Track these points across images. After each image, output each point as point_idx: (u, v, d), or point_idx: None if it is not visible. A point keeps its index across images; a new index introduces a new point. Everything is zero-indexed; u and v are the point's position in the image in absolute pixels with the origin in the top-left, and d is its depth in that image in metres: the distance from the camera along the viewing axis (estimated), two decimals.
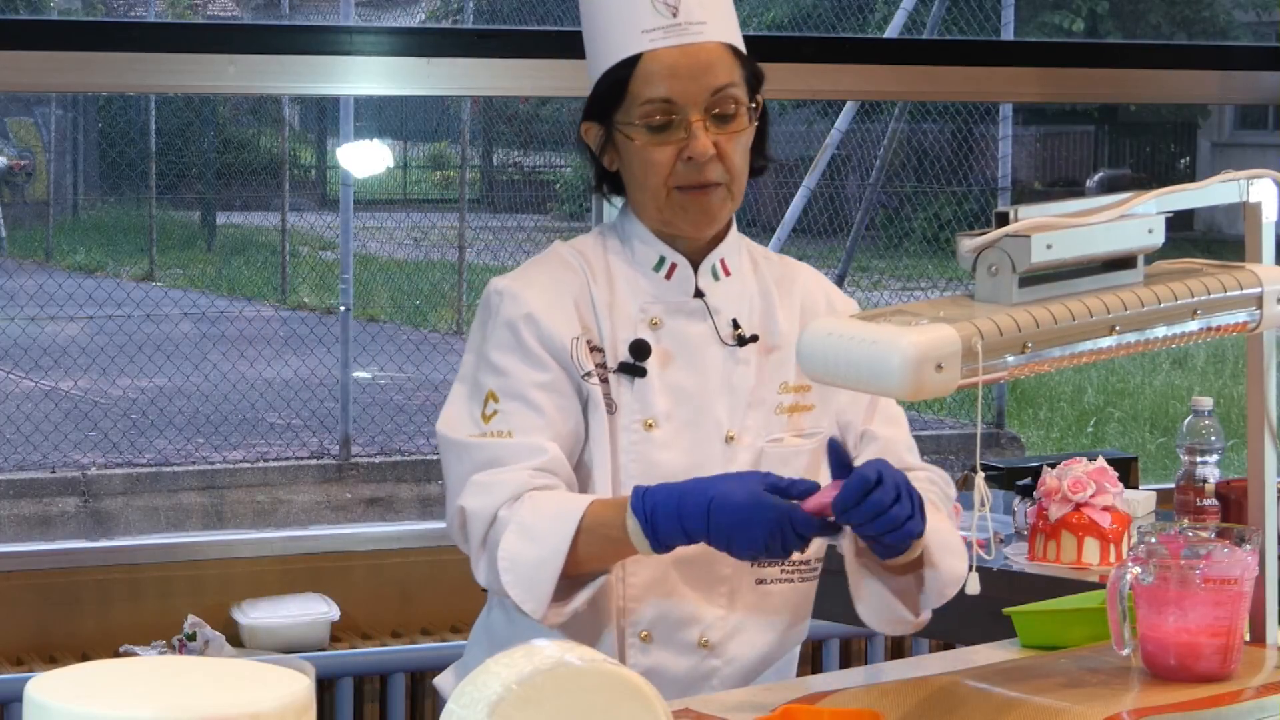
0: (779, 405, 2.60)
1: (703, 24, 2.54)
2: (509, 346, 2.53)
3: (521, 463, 2.48)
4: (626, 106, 2.54)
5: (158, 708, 1.65)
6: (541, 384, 2.52)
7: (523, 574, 2.42)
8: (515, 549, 2.42)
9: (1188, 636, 2.33)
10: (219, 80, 4.18)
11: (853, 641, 4.73)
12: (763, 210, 13.66)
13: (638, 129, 2.54)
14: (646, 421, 2.55)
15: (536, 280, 2.58)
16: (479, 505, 2.47)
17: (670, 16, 2.53)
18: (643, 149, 2.54)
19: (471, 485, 2.48)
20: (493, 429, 2.51)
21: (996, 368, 2.07)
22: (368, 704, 4.38)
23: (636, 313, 2.57)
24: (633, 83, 2.53)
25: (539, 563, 2.41)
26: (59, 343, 11.77)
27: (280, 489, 9.42)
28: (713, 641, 2.59)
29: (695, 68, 2.52)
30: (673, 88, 2.52)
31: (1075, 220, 2.14)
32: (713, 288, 2.60)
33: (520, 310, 2.53)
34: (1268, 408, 2.44)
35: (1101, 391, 12.38)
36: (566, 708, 1.72)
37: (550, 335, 2.53)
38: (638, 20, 2.53)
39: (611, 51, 2.55)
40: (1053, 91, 5.24)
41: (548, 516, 2.43)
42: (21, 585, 4.29)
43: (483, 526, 2.47)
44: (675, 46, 2.53)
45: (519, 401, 2.51)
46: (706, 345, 2.59)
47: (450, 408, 2.57)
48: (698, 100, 2.52)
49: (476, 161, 17.64)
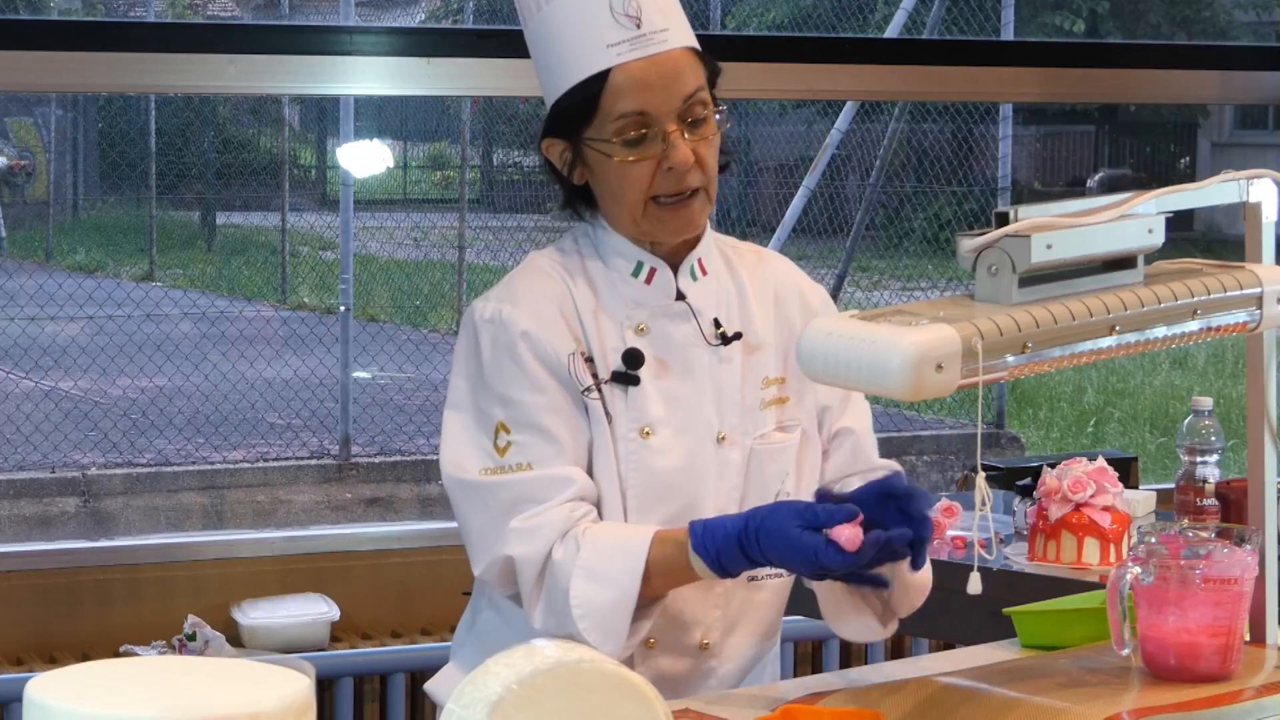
0: (762, 400, 2.60)
1: (665, 31, 2.50)
2: (511, 374, 2.50)
3: (555, 498, 2.46)
4: (598, 123, 2.50)
5: (158, 708, 1.65)
6: (550, 408, 2.49)
7: (599, 619, 2.42)
8: (588, 594, 2.42)
9: (1188, 636, 2.33)
10: (219, 80, 4.18)
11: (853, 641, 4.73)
12: (763, 210, 13.66)
13: (613, 145, 2.50)
14: (643, 429, 2.53)
15: (523, 297, 2.54)
16: (528, 552, 2.45)
17: (634, 28, 2.49)
18: (620, 164, 2.50)
19: (513, 533, 2.46)
20: (510, 462, 2.48)
21: (996, 368, 2.07)
22: (368, 704, 4.38)
23: (622, 320, 2.55)
24: (604, 98, 2.49)
25: (613, 606, 2.42)
26: (59, 343, 11.77)
27: (280, 489, 9.42)
28: (711, 643, 2.59)
29: (665, 77, 2.49)
30: (646, 100, 2.48)
31: (1075, 220, 2.14)
32: (692, 288, 2.58)
33: (516, 330, 2.50)
34: (1268, 408, 2.44)
35: (1101, 391, 12.38)
36: (566, 708, 1.72)
37: (548, 353, 2.50)
38: (600, 35, 2.49)
39: (577, 69, 2.50)
40: (1053, 91, 5.24)
41: (612, 556, 2.43)
42: (21, 585, 4.29)
43: (535, 571, 2.46)
44: (643, 58, 2.49)
45: (531, 431, 2.48)
46: (692, 347, 2.57)
47: (452, 444, 2.52)
48: (671, 109, 2.49)
49: (476, 161, 17.65)
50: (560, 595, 2.43)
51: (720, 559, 2.39)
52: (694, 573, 2.42)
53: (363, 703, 4.37)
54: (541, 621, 2.47)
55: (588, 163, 2.54)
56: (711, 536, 2.40)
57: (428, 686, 2.71)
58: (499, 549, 2.47)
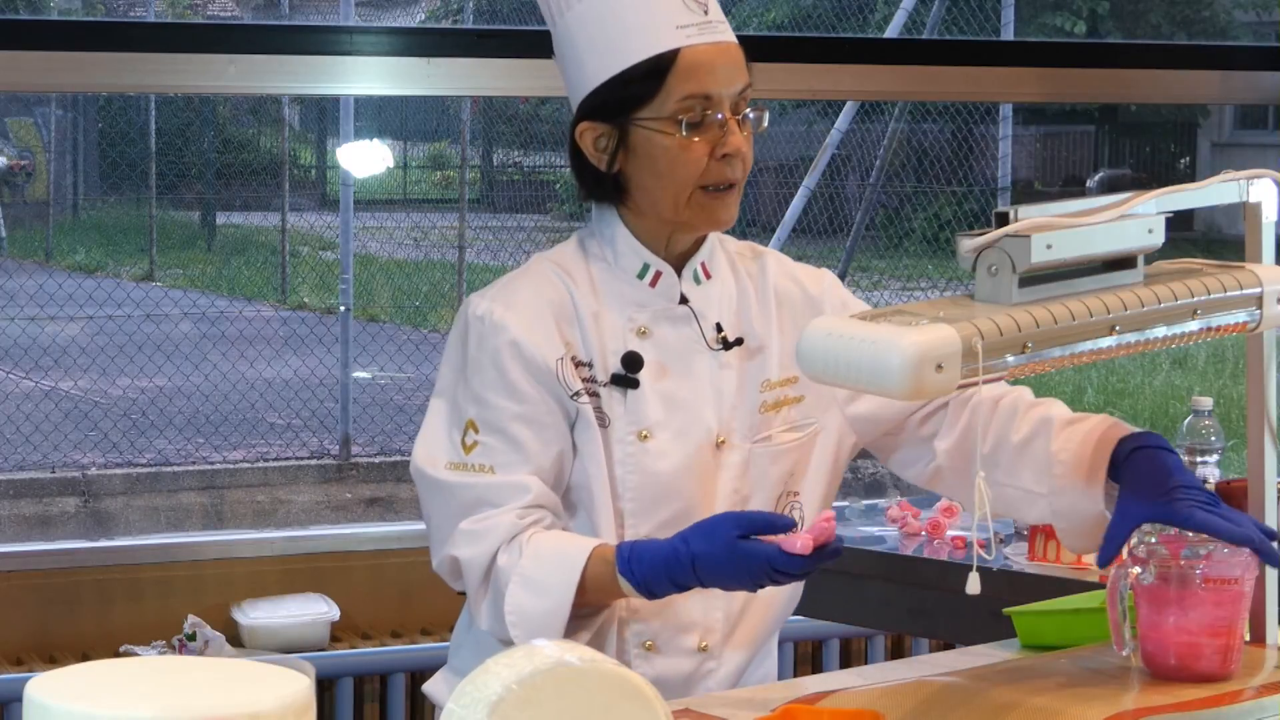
0: (762, 404, 2.60)
1: (724, 24, 2.54)
2: (490, 376, 2.51)
3: (508, 504, 2.47)
4: (659, 102, 2.50)
5: (158, 708, 1.65)
6: (521, 416, 2.50)
7: (531, 628, 2.43)
8: (522, 602, 2.43)
9: (1188, 636, 2.33)
10: (219, 80, 4.18)
11: (853, 641, 4.73)
12: (763, 210, 13.65)
13: (672, 124, 2.50)
14: (641, 433, 2.53)
15: (517, 300, 2.54)
16: (472, 554, 2.47)
17: (702, 14, 2.51)
18: (677, 144, 2.50)
19: (461, 534, 2.48)
20: (473, 461, 2.50)
21: (996, 368, 2.06)
22: (368, 704, 4.38)
23: (624, 322, 2.56)
24: (671, 77, 2.49)
25: (546, 614, 2.43)
26: (59, 343, 11.77)
27: (280, 489, 9.42)
28: (711, 645, 2.59)
29: (729, 66, 2.52)
30: (712, 84, 2.50)
31: (1075, 220, 2.14)
32: (695, 292, 2.59)
33: (504, 337, 2.51)
34: (1268, 408, 2.44)
35: (1101, 391, 12.38)
36: (566, 708, 1.72)
37: (534, 359, 2.51)
38: (671, 16, 2.50)
39: (645, 46, 2.50)
40: (1053, 91, 5.24)
41: (550, 567, 2.43)
42: (21, 585, 4.29)
43: (479, 573, 2.47)
44: (711, 44, 2.51)
45: (499, 436, 2.50)
46: (694, 351, 2.58)
47: (427, 432, 2.55)
48: (730, 98, 2.51)
49: (476, 161, 17.65)
50: (500, 600, 2.45)
51: (648, 584, 2.39)
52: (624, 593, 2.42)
53: (363, 703, 4.38)
54: (486, 623, 2.49)
55: (633, 147, 2.53)
56: (639, 562, 2.39)
57: (426, 688, 2.71)
58: (448, 549, 2.50)
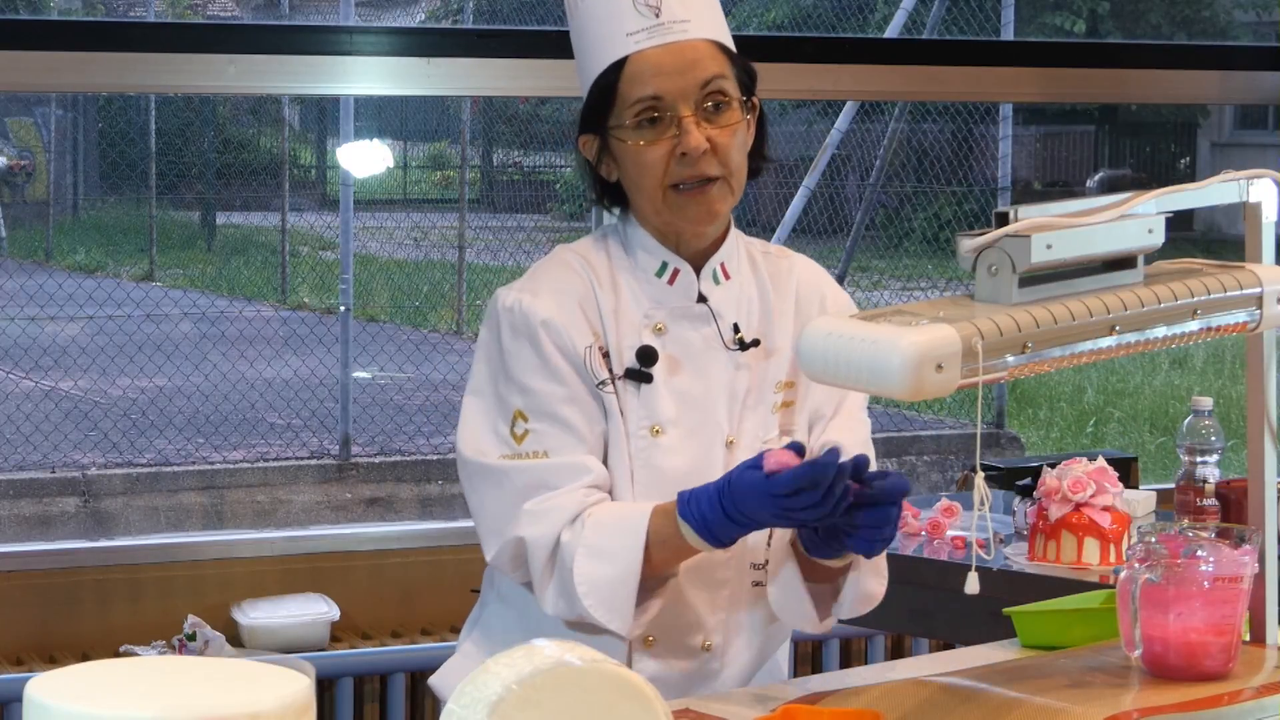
0: (774, 404, 2.61)
1: (686, 22, 2.54)
2: (531, 363, 2.52)
3: (571, 483, 2.48)
4: (617, 110, 2.54)
5: (158, 708, 1.65)
6: (569, 398, 2.52)
7: (604, 596, 2.44)
8: (590, 572, 2.44)
9: (1189, 635, 2.33)
10: (219, 80, 4.18)
11: (853, 641, 4.73)
12: (763, 210, 13.65)
13: (629, 130, 2.53)
14: (653, 428, 2.55)
15: (545, 287, 2.57)
16: (538, 534, 2.47)
17: (653, 17, 2.53)
18: (635, 149, 2.53)
19: (526, 515, 2.48)
20: (527, 449, 2.51)
21: (996, 368, 2.06)
22: (368, 704, 4.38)
23: (641, 319, 2.57)
24: (621, 85, 2.53)
25: (617, 581, 2.44)
26: (59, 343, 11.76)
27: (280, 489, 9.42)
28: (714, 645, 2.59)
29: (681, 64, 2.53)
30: (659, 84, 2.52)
31: (1075, 220, 2.14)
32: (714, 292, 2.60)
33: (536, 319, 2.53)
34: (1268, 408, 2.44)
35: (1101, 391, 12.38)
36: (566, 708, 1.72)
37: (566, 343, 2.53)
38: (621, 24, 2.53)
39: (598, 58, 2.55)
40: (1053, 91, 5.24)
41: (613, 534, 2.44)
42: (21, 585, 4.29)
43: (545, 554, 2.48)
44: (660, 45, 2.53)
45: (549, 420, 2.51)
46: (710, 350, 2.59)
47: (471, 428, 2.55)
48: (687, 95, 2.52)
49: (476, 161, 17.64)
50: (568, 576, 2.45)
51: (706, 523, 2.39)
52: (689, 545, 2.42)
53: (363, 703, 4.38)
54: (553, 605, 2.48)
55: (613, 154, 2.57)
56: (696, 502, 2.40)
57: (432, 680, 2.73)
58: (511, 531, 2.49)
